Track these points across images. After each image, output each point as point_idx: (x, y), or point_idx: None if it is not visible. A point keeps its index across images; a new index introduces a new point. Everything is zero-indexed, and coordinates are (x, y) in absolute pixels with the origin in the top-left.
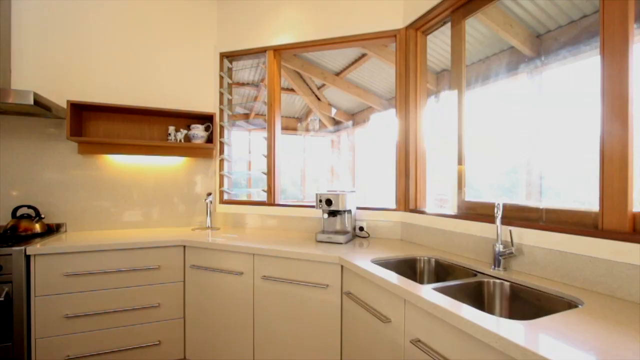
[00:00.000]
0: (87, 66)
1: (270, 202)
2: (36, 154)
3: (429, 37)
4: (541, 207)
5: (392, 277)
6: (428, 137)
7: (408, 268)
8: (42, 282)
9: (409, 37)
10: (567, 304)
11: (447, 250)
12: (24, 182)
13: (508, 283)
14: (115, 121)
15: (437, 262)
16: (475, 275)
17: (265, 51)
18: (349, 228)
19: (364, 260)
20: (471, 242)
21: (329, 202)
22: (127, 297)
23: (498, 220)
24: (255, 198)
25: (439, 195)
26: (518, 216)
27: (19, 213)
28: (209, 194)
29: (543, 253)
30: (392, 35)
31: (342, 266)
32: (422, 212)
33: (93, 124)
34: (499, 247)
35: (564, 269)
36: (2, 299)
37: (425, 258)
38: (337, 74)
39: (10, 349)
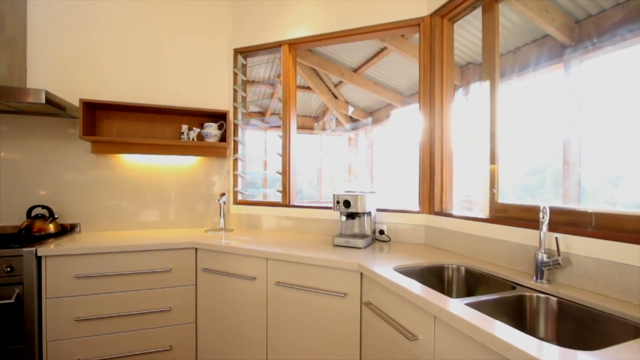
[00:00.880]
0: (101, 65)
1: (286, 203)
2: (51, 153)
3: (454, 26)
4: (590, 210)
5: (417, 288)
6: (455, 133)
7: (435, 277)
8: (53, 284)
9: (434, 26)
10: (634, 329)
11: (478, 258)
12: (39, 181)
13: (555, 299)
14: (128, 120)
15: (468, 271)
16: (514, 288)
17: (280, 46)
18: (368, 231)
19: (385, 267)
20: (506, 249)
21: (347, 203)
22: (138, 300)
23: (544, 226)
24: (271, 198)
25: (466, 197)
26: (561, 221)
27: (33, 213)
28: (223, 195)
29: (596, 265)
30: (416, 24)
31: (361, 274)
32: (449, 215)
33: (106, 123)
34: (543, 256)
35: (623, 284)
36: (12, 300)
37: (454, 266)
38: (355, 70)
39: (21, 351)
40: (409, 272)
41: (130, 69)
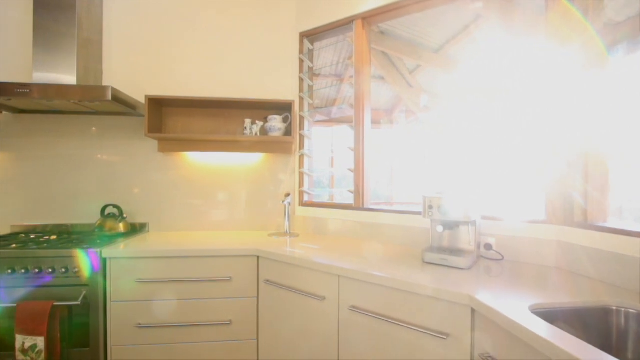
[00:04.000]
0: (170, 63)
1: (358, 206)
2: (123, 152)
3: None
4: None
5: (589, 354)
6: (607, 110)
7: (592, 326)
8: (117, 287)
9: None
10: None
11: None
12: (112, 180)
13: None
14: (192, 117)
15: None
16: None
17: (352, 22)
18: (472, 246)
19: (514, 304)
20: None
21: (443, 208)
22: (198, 309)
23: None
24: (338, 200)
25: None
26: None
27: (106, 212)
28: (288, 195)
29: None
30: None
31: (472, 309)
32: (602, 229)
33: (172, 121)
34: None
35: None
36: (79, 302)
37: (632, 311)
38: (437, 51)
39: (87, 354)
40: (552, 315)
41: (197, 64)
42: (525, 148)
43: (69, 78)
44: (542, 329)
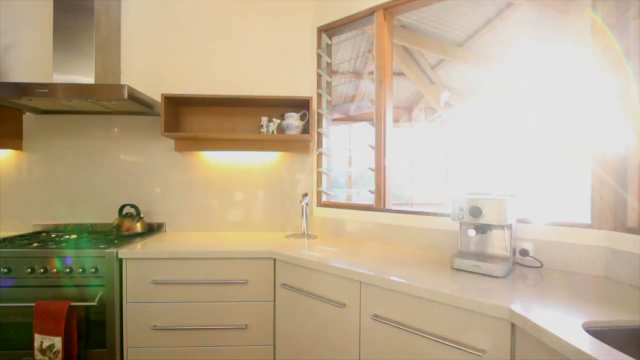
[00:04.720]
0: (186, 63)
1: (380, 207)
2: (139, 152)
3: None
4: None
5: None
6: None
7: None
8: (132, 288)
9: None
10: None
11: None
12: (129, 180)
13: None
14: (209, 116)
15: None
16: None
17: (373, 13)
18: (507, 252)
19: (562, 319)
20: None
21: (476, 211)
22: (213, 312)
23: None
24: (355, 200)
25: None
26: None
27: (124, 211)
28: (305, 195)
29: None
30: None
31: (512, 324)
32: None
33: (188, 120)
34: None
35: None
36: (95, 303)
37: None
38: (461, 45)
39: (104, 355)
40: (611, 335)
41: (212, 62)
42: (567, 147)
43: (87, 79)
44: (608, 354)
